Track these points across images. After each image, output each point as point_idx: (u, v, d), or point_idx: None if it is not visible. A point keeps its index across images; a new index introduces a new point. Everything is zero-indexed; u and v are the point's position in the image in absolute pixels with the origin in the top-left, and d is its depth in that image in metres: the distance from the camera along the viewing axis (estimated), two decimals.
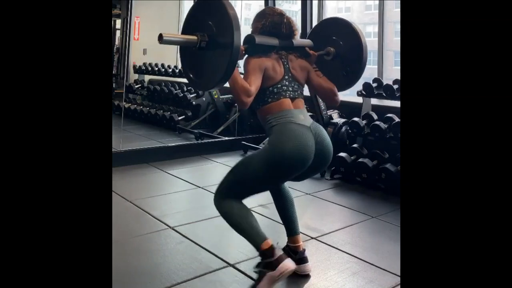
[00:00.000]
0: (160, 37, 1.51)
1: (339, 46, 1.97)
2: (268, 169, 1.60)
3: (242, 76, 1.66)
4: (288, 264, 1.58)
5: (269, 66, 1.70)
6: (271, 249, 1.61)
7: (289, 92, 1.73)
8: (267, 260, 1.60)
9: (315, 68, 1.88)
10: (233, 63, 1.50)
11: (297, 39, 1.87)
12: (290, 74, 1.77)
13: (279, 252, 1.61)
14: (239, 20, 1.52)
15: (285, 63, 1.77)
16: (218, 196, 1.70)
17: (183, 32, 1.68)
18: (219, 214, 2.59)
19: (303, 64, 1.84)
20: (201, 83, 1.71)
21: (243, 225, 1.64)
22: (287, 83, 1.74)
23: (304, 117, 1.70)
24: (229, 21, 1.49)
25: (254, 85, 1.63)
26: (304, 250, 1.89)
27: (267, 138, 1.71)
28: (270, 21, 1.78)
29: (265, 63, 1.70)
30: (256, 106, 1.75)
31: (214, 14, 1.57)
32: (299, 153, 1.59)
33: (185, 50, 1.72)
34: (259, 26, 1.80)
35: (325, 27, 2.08)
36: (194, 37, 1.57)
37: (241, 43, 1.56)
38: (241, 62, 1.70)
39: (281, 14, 1.81)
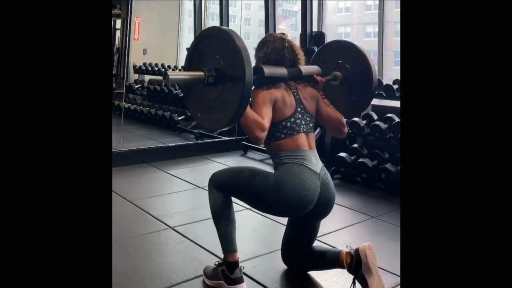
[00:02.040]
0: (165, 76, 1.41)
1: (345, 70, 1.87)
2: (267, 199, 1.60)
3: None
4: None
5: (279, 97, 1.63)
6: (235, 265, 1.67)
7: (303, 126, 1.67)
8: (226, 273, 1.67)
9: (323, 96, 1.80)
10: (245, 99, 1.39)
11: (305, 67, 1.79)
12: (302, 106, 1.70)
13: (238, 273, 1.66)
14: (248, 53, 1.40)
15: (295, 93, 1.70)
16: (213, 182, 1.71)
17: (186, 68, 1.59)
18: None
19: (312, 93, 1.77)
20: (211, 122, 1.57)
21: (221, 224, 1.67)
22: (300, 115, 1.67)
23: (316, 161, 1.65)
24: (239, 55, 1.38)
25: (267, 118, 1.56)
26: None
27: (277, 170, 1.64)
28: (272, 47, 1.72)
29: (274, 94, 1.62)
30: (267, 140, 1.65)
31: (221, 47, 1.47)
32: (303, 202, 1.57)
33: (190, 87, 1.62)
34: (262, 55, 1.74)
35: (330, 50, 1.97)
36: (201, 73, 1.46)
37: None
38: None
39: (282, 39, 1.75)
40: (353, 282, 1.64)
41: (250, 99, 1.54)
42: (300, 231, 1.79)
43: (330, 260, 1.72)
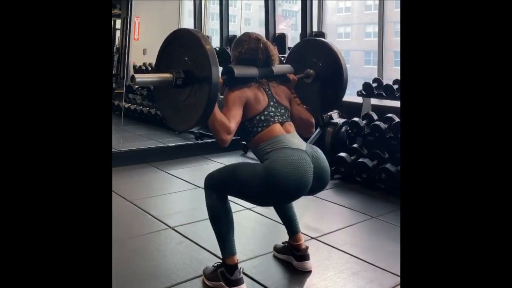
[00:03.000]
0: (132, 79, 1.40)
1: (318, 68, 1.92)
2: (264, 192, 1.57)
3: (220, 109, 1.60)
4: None
5: (250, 97, 1.66)
6: (234, 267, 1.68)
7: (277, 117, 1.69)
8: (226, 275, 1.68)
9: (294, 95, 1.84)
10: (212, 101, 1.42)
11: (277, 66, 1.81)
12: (274, 100, 1.73)
13: (238, 275, 1.67)
14: (215, 54, 1.43)
15: (267, 89, 1.74)
16: (209, 182, 1.70)
17: (156, 70, 1.59)
18: None
19: (285, 91, 1.81)
20: (178, 123, 1.60)
21: (219, 228, 1.68)
22: (273, 109, 1.70)
23: (298, 141, 1.66)
24: (206, 57, 1.41)
25: (234, 122, 1.58)
26: (307, 247, 1.92)
27: (265, 162, 1.62)
28: (246, 48, 1.75)
29: (246, 94, 1.66)
30: (247, 138, 1.71)
31: (189, 49, 1.49)
32: (298, 179, 1.55)
33: (159, 88, 1.63)
34: (236, 55, 1.77)
35: (304, 49, 2.02)
36: (169, 75, 1.47)
37: (220, 76, 1.48)
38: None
39: (257, 40, 1.77)
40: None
41: (222, 99, 1.59)
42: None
43: (288, 229, 1.92)
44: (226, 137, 1.56)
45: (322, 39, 2.04)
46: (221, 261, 1.77)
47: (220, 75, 1.51)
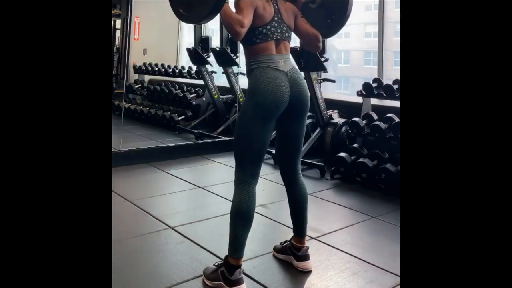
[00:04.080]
0: None
1: None
2: (250, 117, 1.69)
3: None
4: None
5: (259, 5, 1.74)
6: (236, 267, 1.69)
7: (277, 34, 1.78)
8: (226, 275, 1.69)
9: (301, 15, 1.92)
10: None
11: None
12: (279, 16, 1.81)
13: (238, 275, 1.69)
14: None
15: (275, 4, 1.81)
16: (235, 181, 1.77)
17: None
18: (219, 214, 2.60)
19: (291, 8, 1.88)
20: (191, 16, 1.72)
21: (236, 226, 1.69)
22: (276, 24, 1.78)
23: (284, 63, 1.76)
24: None
25: (247, 18, 1.67)
26: (307, 248, 1.93)
27: (249, 80, 1.77)
28: None
29: (256, 2, 1.73)
30: (244, 44, 1.80)
31: None
32: (272, 95, 1.68)
33: None
34: None
35: None
36: None
37: None
38: (231, 3, 1.72)
39: None
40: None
41: (234, 5, 1.70)
42: (284, 140, 1.87)
43: (297, 230, 1.94)
44: (240, 29, 1.64)
45: None
46: (222, 260, 1.77)
47: None
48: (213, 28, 5.94)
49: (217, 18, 1.72)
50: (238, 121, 1.77)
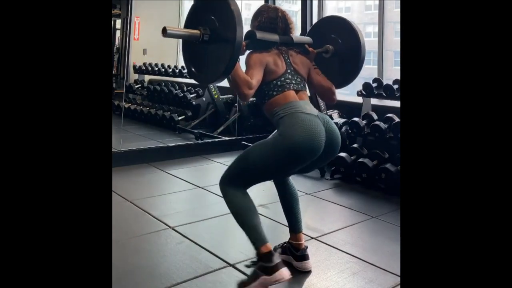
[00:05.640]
0: (164, 31, 1.54)
1: (337, 44, 1.99)
2: (278, 157, 1.61)
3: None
4: (284, 273, 1.58)
5: (270, 61, 1.74)
6: (270, 254, 1.60)
7: (292, 85, 1.76)
8: (264, 264, 1.59)
9: (314, 66, 1.92)
10: (235, 57, 1.54)
11: (297, 36, 1.91)
12: (292, 68, 1.80)
13: (277, 259, 1.60)
14: (241, 15, 1.56)
15: (286, 57, 1.81)
16: (223, 182, 1.71)
17: (186, 27, 1.71)
18: (219, 214, 2.60)
19: (303, 60, 1.87)
20: (203, 76, 1.74)
21: (245, 219, 1.65)
22: (290, 76, 1.77)
23: (310, 108, 1.72)
24: (232, 16, 1.53)
25: (255, 78, 1.66)
26: (306, 247, 1.92)
27: (276, 130, 1.71)
28: (266, 16, 1.84)
29: (266, 58, 1.73)
30: (262, 101, 1.77)
31: (217, 9, 1.62)
32: (311, 141, 1.60)
33: (187, 44, 1.76)
34: (256, 24, 1.85)
35: (324, 25, 2.10)
36: (197, 31, 1.61)
37: (243, 39, 1.59)
38: (242, 58, 1.71)
39: (276, 9, 1.87)
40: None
41: (244, 62, 1.70)
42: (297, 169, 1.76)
43: (291, 226, 1.92)
44: (247, 92, 1.64)
45: (342, 16, 2.09)
46: (251, 260, 1.72)
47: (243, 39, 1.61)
48: None
49: None
50: (261, 150, 1.65)
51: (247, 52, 1.77)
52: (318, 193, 3.09)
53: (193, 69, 1.74)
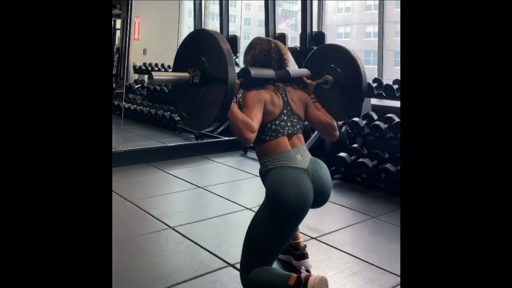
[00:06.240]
0: (150, 77, 1.42)
1: (337, 74, 1.89)
2: (279, 226, 1.55)
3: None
4: (314, 279, 1.49)
5: (267, 99, 1.63)
6: (298, 280, 1.50)
7: (287, 128, 1.65)
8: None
9: (313, 99, 1.81)
10: (228, 99, 1.43)
11: (294, 70, 1.80)
12: (289, 108, 1.69)
13: (303, 277, 1.51)
14: (231, 54, 1.45)
15: (284, 95, 1.70)
16: (243, 274, 1.60)
17: (174, 70, 1.60)
18: (219, 214, 2.60)
19: (301, 96, 1.77)
20: (195, 122, 1.60)
21: (266, 280, 1.55)
22: (285, 117, 1.67)
23: (301, 157, 1.62)
24: (222, 55, 1.42)
25: (256, 120, 1.56)
26: (305, 246, 1.92)
27: (265, 182, 1.62)
28: (259, 49, 1.73)
29: (264, 96, 1.63)
30: (254, 142, 1.64)
31: (206, 49, 1.50)
32: (299, 202, 1.53)
33: (177, 88, 1.62)
34: (249, 58, 1.75)
35: (322, 54, 1.99)
36: (186, 74, 1.48)
37: (236, 77, 1.48)
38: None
39: (268, 41, 1.77)
40: None
41: (241, 101, 1.58)
42: None
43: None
44: (250, 136, 1.53)
45: (341, 45, 1.98)
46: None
47: (236, 77, 1.50)
48: (213, 28, 5.94)
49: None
50: (260, 231, 1.58)
51: (243, 90, 1.67)
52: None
53: (184, 115, 1.60)
